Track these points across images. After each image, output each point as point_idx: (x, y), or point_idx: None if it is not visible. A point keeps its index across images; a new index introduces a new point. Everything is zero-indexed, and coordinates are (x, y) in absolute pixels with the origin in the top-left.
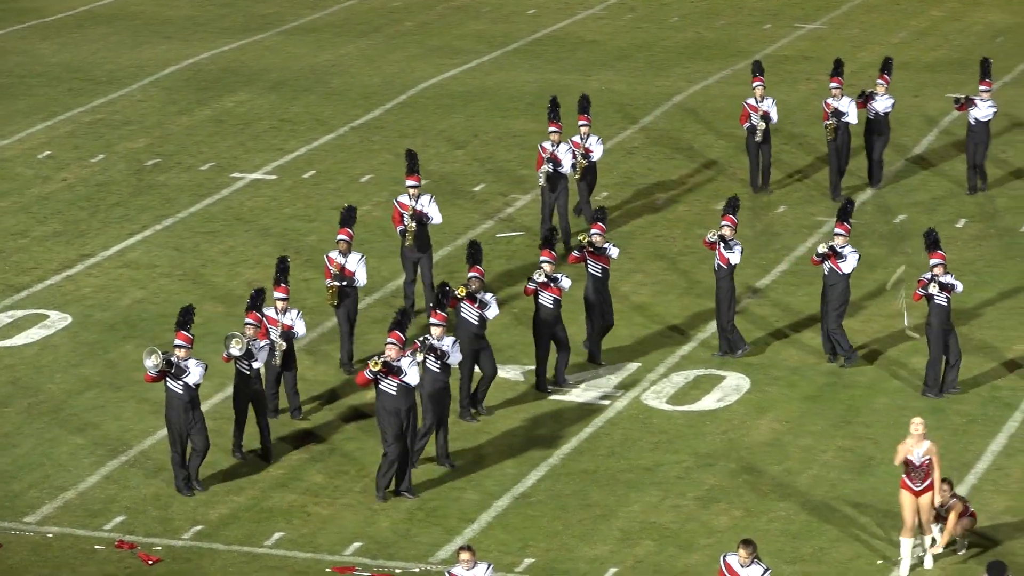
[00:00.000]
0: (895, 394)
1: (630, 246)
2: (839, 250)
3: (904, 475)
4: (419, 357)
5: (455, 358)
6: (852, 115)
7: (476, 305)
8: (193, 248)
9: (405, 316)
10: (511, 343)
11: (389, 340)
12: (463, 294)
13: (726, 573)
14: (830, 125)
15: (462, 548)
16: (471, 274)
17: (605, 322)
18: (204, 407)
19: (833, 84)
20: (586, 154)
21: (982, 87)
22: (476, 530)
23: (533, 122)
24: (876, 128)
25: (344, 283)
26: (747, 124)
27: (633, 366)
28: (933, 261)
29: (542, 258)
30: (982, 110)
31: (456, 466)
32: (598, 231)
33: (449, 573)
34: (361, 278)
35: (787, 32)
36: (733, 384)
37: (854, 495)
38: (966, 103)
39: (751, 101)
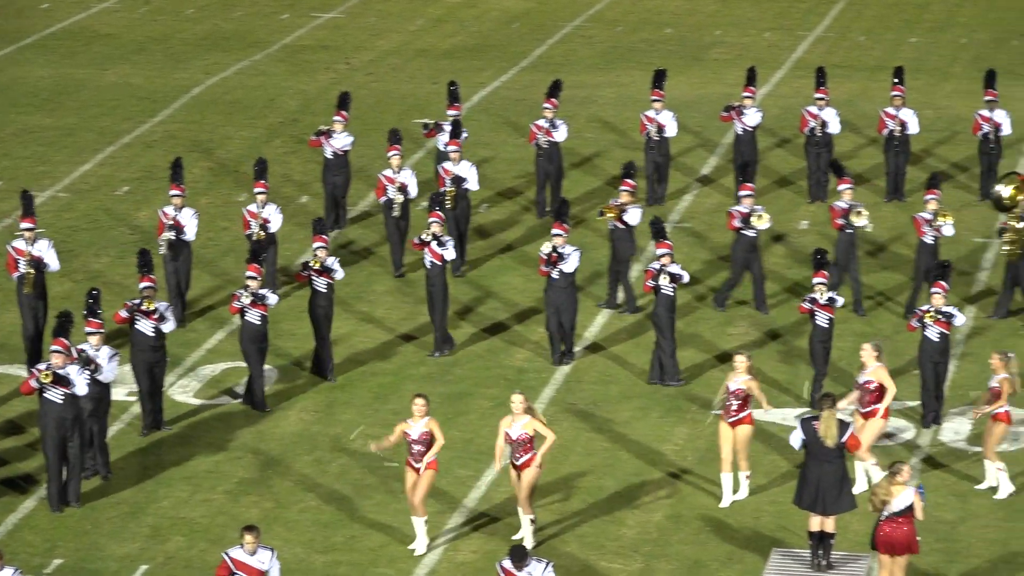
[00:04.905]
0: (421, 380)
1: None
2: (560, 250)
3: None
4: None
5: (108, 376)
6: (473, 181)
7: (155, 318)
8: None
9: (68, 320)
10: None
11: (54, 348)
12: (151, 307)
13: (232, 567)
14: (450, 192)
15: None
16: (144, 284)
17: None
18: None
19: (452, 148)
20: (264, 225)
21: (451, 112)
22: (2, 533)
23: (49, 118)
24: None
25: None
26: (384, 198)
27: None
28: (660, 251)
29: (248, 273)
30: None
31: (111, 475)
32: (322, 244)
33: None
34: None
35: (305, 22)
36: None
37: (388, 481)
38: (435, 129)
39: (388, 172)
